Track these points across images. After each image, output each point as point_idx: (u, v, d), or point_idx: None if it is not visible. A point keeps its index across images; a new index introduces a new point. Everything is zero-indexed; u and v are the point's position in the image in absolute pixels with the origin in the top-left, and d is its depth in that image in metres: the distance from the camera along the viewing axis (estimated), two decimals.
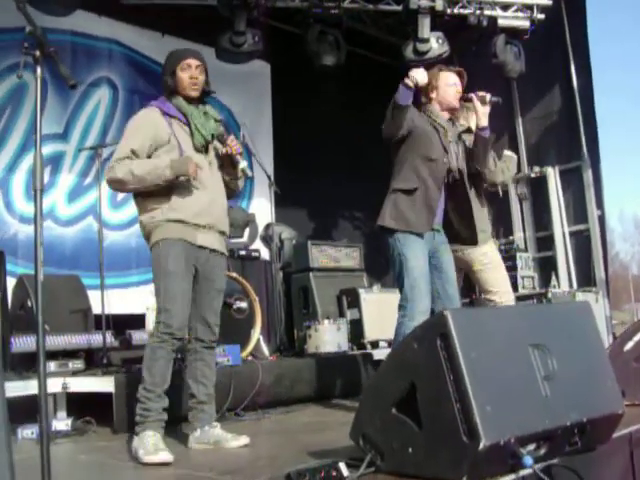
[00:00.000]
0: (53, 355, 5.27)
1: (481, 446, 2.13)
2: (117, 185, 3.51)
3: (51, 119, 6.83)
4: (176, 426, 3.99)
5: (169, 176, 3.38)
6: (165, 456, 3.17)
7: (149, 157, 3.50)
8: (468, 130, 4.60)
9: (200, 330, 3.64)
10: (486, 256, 4.62)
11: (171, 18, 7.34)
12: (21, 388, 4.28)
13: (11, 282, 5.59)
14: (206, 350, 3.67)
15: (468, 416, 2.17)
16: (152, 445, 3.23)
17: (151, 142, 3.49)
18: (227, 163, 3.68)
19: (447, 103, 4.25)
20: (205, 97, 3.71)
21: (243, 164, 3.62)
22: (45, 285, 5.59)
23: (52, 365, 5.18)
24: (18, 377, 4.68)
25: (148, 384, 3.37)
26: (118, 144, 3.58)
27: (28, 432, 4.13)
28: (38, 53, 2.28)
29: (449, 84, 4.26)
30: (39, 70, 2.26)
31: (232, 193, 3.86)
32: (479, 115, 4.23)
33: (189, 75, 3.57)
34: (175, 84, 3.59)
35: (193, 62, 3.60)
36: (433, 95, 4.27)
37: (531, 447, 2.34)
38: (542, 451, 2.37)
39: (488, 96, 4.25)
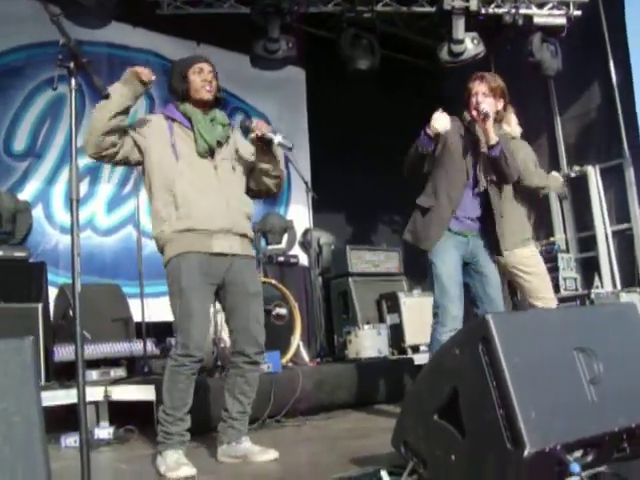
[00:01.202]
0: (95, 364, 5.34)
1: (526, 453, 2.07)
2: (88, 136, 3.36)
3: None
4: (213, 434, 4.01)
5: (117, 88, 3.24)
6: (187, 470, 3.14)
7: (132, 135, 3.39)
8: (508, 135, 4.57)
9: (242, 342, 3.48)
10: (528, 260, 4.56)
11: (206, 27, 7.39)
12: (64, 397, 4.34)
13: (53, 292, 5.67)
14: (248, 366, 3.50)
15: (512, 422, 2.12)
16: (174, 462, 3.21)
17: (143, 139, 3.40)
18: (261, 148, 3.51)
19: (471, 114, 4.17)
20: (216, 105, 3.59)
21: (278, 138, 3.42)
22: (86, 294, 5.67)
23: (94, 374, 5.25)
24: (61, 386, 4.73)
25: (168, 408, 3.30)
26: None
27: (71, 440, 4.16)
28: (72, 65, 2.30)
29: (472, 94, 4.15)
30: (73, 82, 2.28)
31: (277, 183, 3.68)
32: (485, 133, 4.05)
33: (202, 78, 3.49)
34: (187, 88, 3.49)
35: (205, 66, 3.53)
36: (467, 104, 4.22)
37: (578, 454, 2.27)
38: (589, 458, 2.31)
39: (484, 108, 4.03)
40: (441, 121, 3.91)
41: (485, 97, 4.10)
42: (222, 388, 4.06)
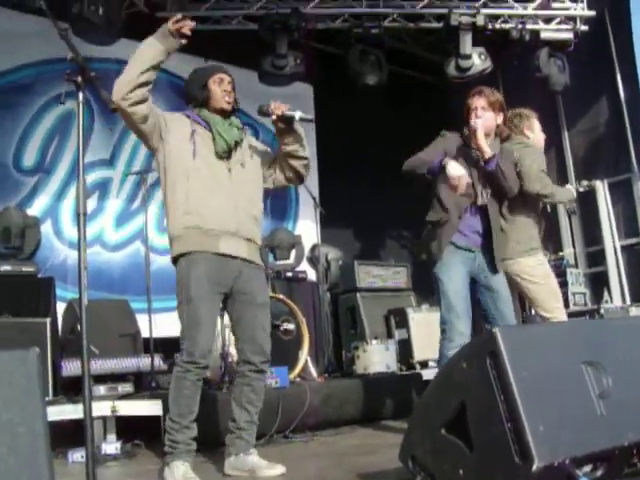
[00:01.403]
0: (102, 379, 5.33)
1: (534, 467, 2.06)
2: (121, 88, 3.24)
3: (98, 145, 6.95)
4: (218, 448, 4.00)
5: (155, 41, 3.27)
6: None
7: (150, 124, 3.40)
8: (521, 143, 4.58)
9: (248, 351, 3.49)
10: (533, 269, 4.54)
11: (214, 43, 7.41)
12: (71, 411, 4.33)
13: (61, 307, 5.68)
14: (255, 374, 3.52)
15: (520, 436, 2.11)
16: (181, 475, 3.21)
17: (163, 118, 3.44)
18: (284, 129, 3.55)
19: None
20: (232, 114, 3.64)
21: (298, 113, 3.48)
22: (94, 310, 5.70)
23: (102, 389, 5.24)
24: (68, 401, 4.72)
25: (174, 415, 3.31)
26: None
27: (78, 455, 4.14)
28: (80, 79, 2.31)
29: (470, 110, 4.17)
30: (81, 96, 2.29)
31: (305, 165, 3.71)
32: (479, 147, 4.07)
33: (223, 89, 3.56)
34: (207, 96, 3.55)
35: (225, 77, 3.60)
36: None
37: (587, 468, 2.26)
38: (599, 472, 2.29)
39: (476, 122, 4.06)
40: (458, 176, 3.91)
41: (484, 111, 4.11)
42: (228, 402, 4.05)
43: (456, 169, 3.91)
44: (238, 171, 3.53)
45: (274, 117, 3.50)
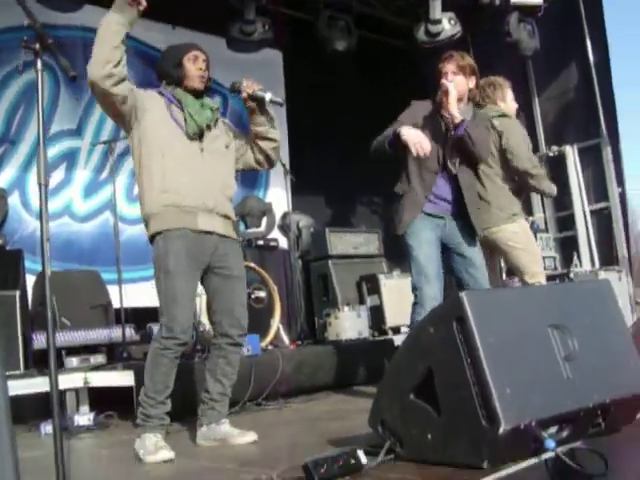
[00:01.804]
0: (74, 350, 5.30)
1: (501, 430, 2.09)
2: (98, 69, 3.17)
3: (64, 115, 6.84)
4: (196, 416, 4.00)
5: (115, 14, 3.21)
6: (166, 454, 3.14)
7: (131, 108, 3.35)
8: (503, 115, 4.57)
9: (226, 324, 3.48)
10: (516, 235, 4.57)
11: (181, 10, 7.30)
12: (42, 384, 4.30)
13: (31, 279, 5.62)
14: (231, 347, 3.51)
15: (487, 400, 2.14)
16: (153, 445, 3.19)
17: (140, 96, 3.38)
18: (254, 108, 3.53)
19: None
20: (205, 93, 3.59)
21: (269, 95, 3.46)
22: (64, 281, 5.67)
23: (74, 360, 5.22)
24: (39, 373, 4.70)
25: (150, 391, 3.29)
26: None
27: (50, 427, 4.12)
28: (38, 46, 2.26)
29: (441, 74, 4.11)
30: (39, 63, 2.23)
31: (275, 147, 3.69)
32: (449, 111, 4.01)
33: (198, 67, 3.50)
34: (182, 75, 3.50)
35: (200, 55, 3.54)
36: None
37: (553, 430, 2.30)
38: (564, 434, 2.33)
39: (447, 84, 4.01)
40: (416, 141, 3.86)
41: (455, 75, 4.07)
42: (200, 372, 4.06)
43: (412, 133, 3.88)
44: (211, 152, 3.50)
45: (244, 95, 3.48)
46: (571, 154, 8.78)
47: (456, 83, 4.04)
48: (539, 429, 2.20)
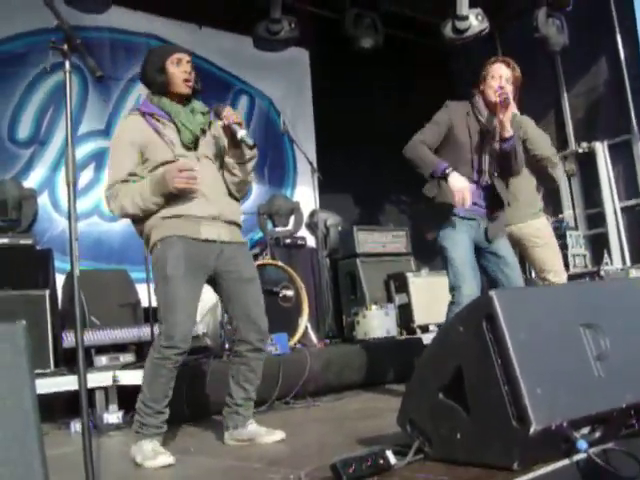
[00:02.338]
0: (104, 349, 5.35)
1: (532, 430, 2.06)
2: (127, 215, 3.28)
3: (93, 116, 6.90)
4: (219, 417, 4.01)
5: (157, 196, 3.17)
6: (165, 459, 3.06)
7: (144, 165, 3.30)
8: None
9: (244, 330, 3.37)
10: (539, 232, 4.54)
11: (207, 9, 7.33)
12: (74, 382, 4.30)
13: (60, 278, 5.67)
14: (252, 354, 3.40)
15: (517, 400, 2.11)
16: (150, 450, 3.11)
17: (140, 150, 3.29)
18: (229, 139, 3.37)
19: (488, 98, 4.01)
20: (194, 96, 3.45)
21: (241, 132, 3.25)
22: (94, 280, 5.71)
23: (103, 359, 5.27)
24: (69, 372, 4.74)
25: (147, 399, 3.18)
26: (108, 164, 3.39)
27: (80, 425, 4.15)
28: (66, 47, 2.27)
29: (494, 77, 3.98)
30: (67, 64, 2.25)
31: (241, 186, 3.50)
32: (501, 124, 3.91)
33: (182, 70, 3.35)
34: (167, 81, 3.34)
35: (184, 57, 3.38)
36: (481, 87, 4.05)
37: (585, 430, 2.26)
38: (597, 434, 2.29)
39: (508, 95, 3.86)
40: (460, 192, 3.81)
41: (507, 83, 3.95)
42: (226, 372, 4.05)
43: (457, 183, 3.81)
44: (209, 159, 3.41)
45: (220, 123, 3.36)
46: (601, 150, 8.68)
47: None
48: (571, 430, 2.16)
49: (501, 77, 3.96)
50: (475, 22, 7.08)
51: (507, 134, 3.90)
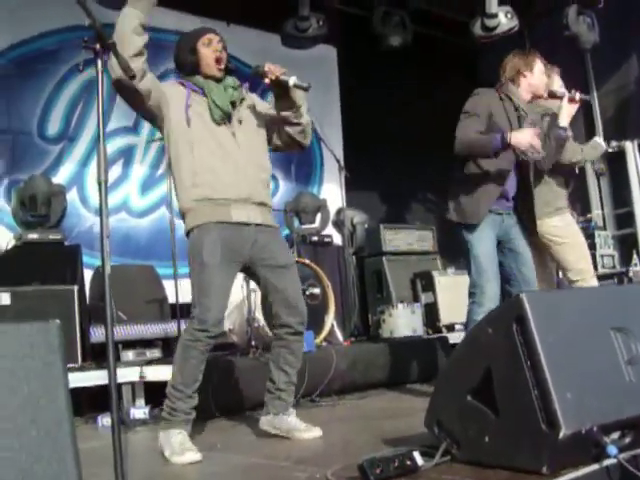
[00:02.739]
0: (131, 344, 5.39)
1: (561, 435, 2.04)
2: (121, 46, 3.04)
3: (121, 113, 6.92)
4: (247, 414, 4.02)
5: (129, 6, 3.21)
6: (192, 456, 3.07)
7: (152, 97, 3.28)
8: (551, 115, 4.47)
9: (284, 314, 3.41)
10: (557, 229, 4.48)
11: (235, 6, 7.35)
12: (101, 377, 4.37)
13: (89, 274, 5.73)
14: (292, 337, 3.44)
15: (547, 403, 2.09)
16: (179, 444, 3.12)
17: (163, 91, 3.32)
18: (279, 94, 3.39)
19: (536, 90, 4.13)
20: (227, 74, 3.49)
21: (292, 79, 3.27)
22: (121, 276, 5.76)
23: (130, 354, 5.32)
24: (97, 367, 4.79)
25: (178, 383, 3.22)
26: None
27: (108, 419, 4.18)
28: (98, 46, 2.29)
29: (543, 73, 4.16)
30: (100, 63, 2.26)
31: (307, 131, 3.54)
32: (563, 114, 4.21)
33: (213, 49, 3.41)
34: (198, 61, 3.41)
35: (214, 37, 3.45)
36: (525, 77, 4.10)
37: (615, 435, 2.23)
38: (627, 440, 2.26)
39: (578, 95, 4.24)
40: (528, 146, 3.83)
41: None
42: (255, 368, 4.07)
43: (521, 138, 3.81)
44: (242, 134, 3.41)
45: (267, 80, 3.34)
46: (631, 150, 8.57)
47: None
48: (601, 434, 2.14)
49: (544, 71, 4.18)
50: (504, 20, 7.03)
51: (565, 123, 4.18)
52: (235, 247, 3.30)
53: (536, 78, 4.12)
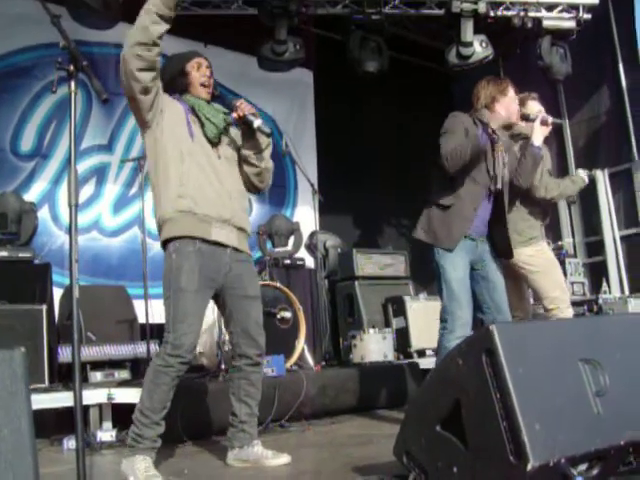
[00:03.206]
0: (99, 365, 5.32)
1: (529, 467, 2.04)
2: (134, 39, 3.15)
3: (96, 131, 6.91)
4: (215, 438, 3.97)
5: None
6: None
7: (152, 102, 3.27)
8: (523, 137, 4.52)
9: (244, 345, 3.43)
10: (531, 258, 4.51)
11: (213, 28, 7.37)
12: (68, 399, 4.30)
13: (58, 293, 5.66)
14: (251, 368, 3.46)
15: (515, 435, 2.09)
16: (143, 471, 3.07)
17: (162, 98, 3.32)
18: (244, 130, 3.48)
19: (508, 117, 4.16)
20: (213, 101, 3.54)
21: (257, 122, 3.36)
22: (91, 295, 5.70)
23: (98, 375, 5.25)
24: (64, 388, 4.71)
25: (146, 409, 3.17)
26: None
27: (73, 442, 4.11)
28: (72, 68, 2.27)
29: (515, 100, 4.20)
30: (73, 85, 2.25)
31: (264, 175, 3.60)
32: (536, 134, 4.26)
33: (202, 73, 3.47)
34: (187, 83, 3.46)
35: (203, 61, 3.51)
36: (497, 104, 4.14)
37: (583, 467, 2.24)
38: (595, 471, 2.27)
39: (550, 119, 4.31)
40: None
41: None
42: (225, 391, 4.02)
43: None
44: (226, 159, 3.47)
45: (234, 115, 3.43)
46: (602, 178, 8.71)
47: None
48: (568, 466, 2.15)
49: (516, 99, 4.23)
50: (479, 49, 7.12)
51: (539, 143, 4.24)
52: (211, 274, 3.31)
53: (509, 105, 4.16)
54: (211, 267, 3.30)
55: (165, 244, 3.33)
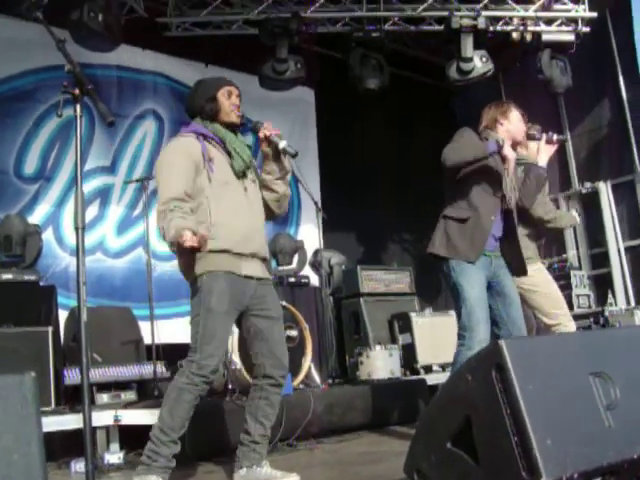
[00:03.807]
0: (105, 387, 5.31)
1: None
2: None
3: (99, 152, 6.93)
4: (222, 459, 3.95)
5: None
6: None
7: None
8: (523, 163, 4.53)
9: (269, 365, 3.43)
10: (530, 278, 4.50)
11: (214, 48, 7.42)
12: (75, 421, 4.29)
13: (63, 315, 5.66)
14: (272, 389, 3.45)
15: (527, 451, 2.08)
16: None
17: (195, 167, 3.33)
18: (267, 153, 3.49)
19: (514, 136, 4.14)
20: (240, 128, 3.57)
21: (283, 143, 3.40)
22: (96, 317, 5.69)
23: (105, 397, 5.24)
24: (71, 410, 4.70)
25: (166, 427, 3.18)
26: (161, 181, 3.36)
27: (81, 465, 4.10)
28: (77, 91, 2.28)
29: (520, 120, 4.19)
30: (78, 108, 2.26)
31: (282, 202, 3.65)
32: (541, 154, 4.26)
33: (232, 102, 3.48)
34: (216, 109, 3.46)
35: (234, 90, 3.52)
36: (503, 124, 4.14)
37: None
38: None
39: (555, 136, 4.31)
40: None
41: None
42: (232, 411, 4.01)
43: (512, 152, 4.04)
44: (252, 190, 3.50)
45: (261, 135, 3.44)
46: (604, 190, 8.70)
47: None
48: None
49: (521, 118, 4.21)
50: (479, 64, 7.15)
51: (544, 163, 4.25)
52: (238, 297, 3.35)
53: (513, 125, 4.15)
54: (240, 292, 3.35)
55: (196, 279, 3.32)
